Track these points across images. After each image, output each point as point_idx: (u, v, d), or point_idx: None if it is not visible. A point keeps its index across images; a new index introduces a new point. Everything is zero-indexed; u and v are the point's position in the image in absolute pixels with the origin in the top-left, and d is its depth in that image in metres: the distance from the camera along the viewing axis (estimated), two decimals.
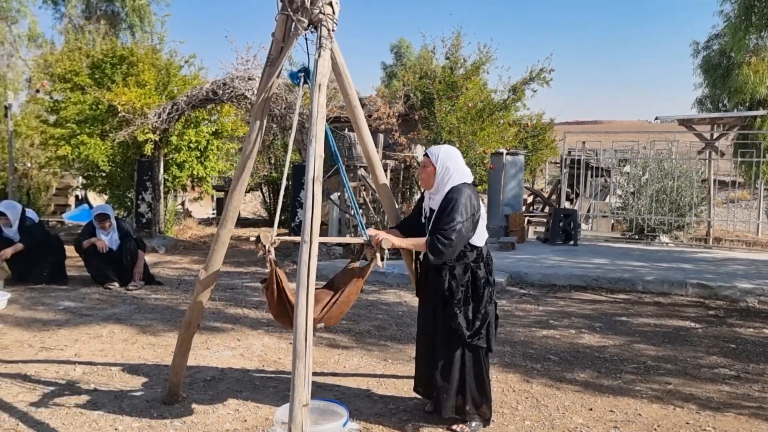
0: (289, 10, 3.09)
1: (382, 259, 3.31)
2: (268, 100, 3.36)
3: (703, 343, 5.34)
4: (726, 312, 6.59)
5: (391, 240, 3.30)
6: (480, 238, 3.40)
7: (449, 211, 3.24)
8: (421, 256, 3.59)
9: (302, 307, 2.71)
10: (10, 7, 21.34)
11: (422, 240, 3.32)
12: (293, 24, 3.12)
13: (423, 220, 3.53)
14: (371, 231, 3.39)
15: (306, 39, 3.15)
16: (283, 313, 3.31)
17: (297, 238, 4.02)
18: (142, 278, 7.26)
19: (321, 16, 3.05)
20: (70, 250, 7.67)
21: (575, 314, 6.34)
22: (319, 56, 3.05)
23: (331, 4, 3.08)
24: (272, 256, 3.17)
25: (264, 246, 3.13)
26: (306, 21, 3.08)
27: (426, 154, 3.48)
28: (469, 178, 3.43)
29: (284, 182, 3.52)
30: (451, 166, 3.38)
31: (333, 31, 3.11)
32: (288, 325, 3.42)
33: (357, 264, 3.55)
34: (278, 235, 3.45)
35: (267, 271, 3.22)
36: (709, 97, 25.04)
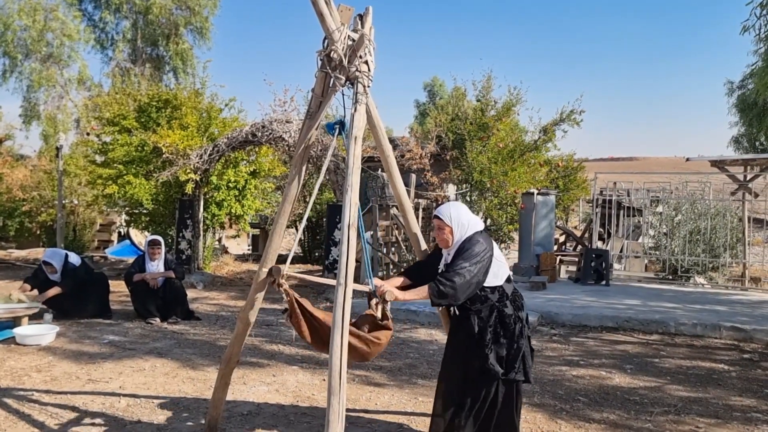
0: (328, 68, 3.35)
1: (384, 311, 3.41)
2: (307, 149, 3.60)
3: (736, 387, 5.30)
4: (761, 356, 6.51)
5: (394, 293, 3.39)
6: (496, 278, 3.46)
7: (456, 258, 3.39)
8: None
9: (337, 345, 2.88)
10: (61, 52, 22.58)
11: (425, 288, 3.34)
12: (332, 80, 3.38)
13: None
14: (377, 281, 3.51)
15: (343, 94, 3.40)
16: (315, 336, 3.43)
17: (310, 278, 4.22)
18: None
19: (357, 73, 3.31)
20: (113, 284, 8.00)
21: (606, 355, 6.35)
22: (355, 110, 3.29)
23: (366, 62, 3.33)
24: (286, 286, 3.34)
25: (275, 278, 3.33)
26: (343, 78, 3.33)
27: (437, 217, 3.56)
28: (479, 226, 3.54)
29: (305, 223, 3.73)
30: (464, 221, 3.50)
31: (368, 87, 3.36)
32: (323, 348, 3.54)
33: (377, 311, 3.53)
34: (311, 272, 3.64)
35: (286, 300, 3.37)
36: (746, 135, 24.87)
